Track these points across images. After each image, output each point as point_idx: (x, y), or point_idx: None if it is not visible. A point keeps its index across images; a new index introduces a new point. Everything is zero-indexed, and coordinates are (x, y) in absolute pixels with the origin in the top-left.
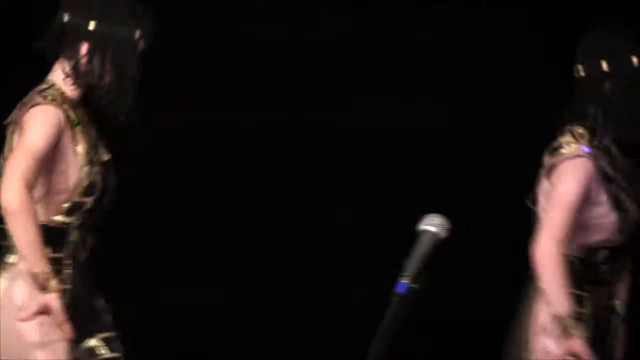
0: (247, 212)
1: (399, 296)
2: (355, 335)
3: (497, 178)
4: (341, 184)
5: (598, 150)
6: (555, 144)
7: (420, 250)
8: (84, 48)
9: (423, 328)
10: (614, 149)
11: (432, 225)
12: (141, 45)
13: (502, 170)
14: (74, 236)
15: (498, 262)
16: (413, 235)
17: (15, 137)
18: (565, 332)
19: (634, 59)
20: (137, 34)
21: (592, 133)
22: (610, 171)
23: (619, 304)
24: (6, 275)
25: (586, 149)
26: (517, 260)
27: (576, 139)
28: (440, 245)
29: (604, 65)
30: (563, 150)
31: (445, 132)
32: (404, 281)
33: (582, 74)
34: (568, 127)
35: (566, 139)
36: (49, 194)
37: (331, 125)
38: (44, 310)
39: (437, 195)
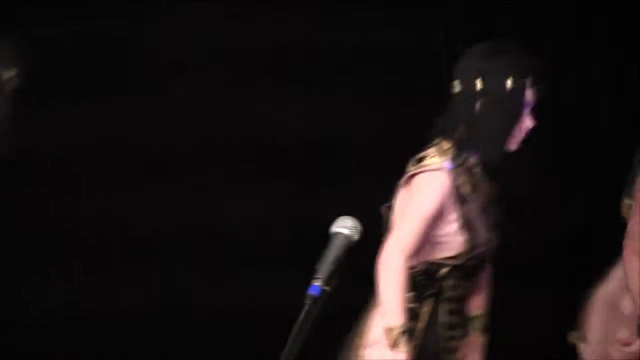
0: (151, 216)
1: (312, 298)
2: (267, 337)
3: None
4: (254, 186)
5: (459, 168)
6: (420, 155)
7: (333, 252)
8: None
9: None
10: (476, 170)
11: (344, 227)
12: (11, 84)
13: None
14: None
15: None
16: (326, 237)
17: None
18: (393, 346)
19: (508, 82)
20: (5, 74)
21: (458, 150)
22: (466, 191)
23: (475, 317)
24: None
25: (447, 165)
26: None
27: (440, 153)
28: (352, 248)
29: (478, 84)
30: (424, 162)
31: (351, 134)
32: (317, 284)
33: (457, 89)
34: (437, 141)
35: (431, 151)
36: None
37: (234, 127)
38: None
39: (347, 197)
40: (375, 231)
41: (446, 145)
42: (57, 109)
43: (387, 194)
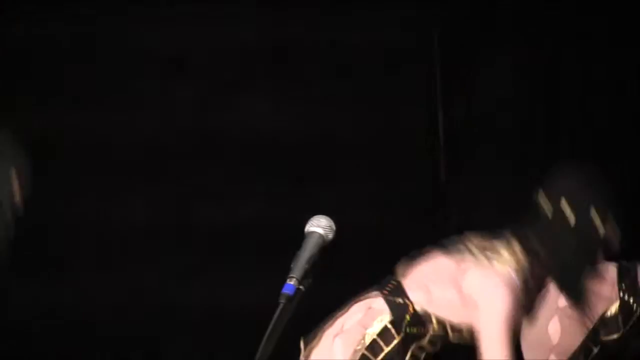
0: (134, 212)
1: (286, 297)
2: (242, 336)
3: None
4: (228, 184)
5: (522, 284)
6: (487, 244)
7: (307, 251)
8: None
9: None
10: (531, 284)
11: (318, 226)
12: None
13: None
14: None
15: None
16: (300, 236)
17: None
18: None
19: (593, 215)
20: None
21: (527, 261)
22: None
23: None
24: None
25: (515, 279)
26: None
27: (510, 254)
28: (326, 247)
29: (568, 214)
30: (495, 262)
31: (332, 132)
32: (291, 282)
33: (546, 211)
34: (506, 236)
35: (501, 249)
36: None
37: (211, 125)
38: None
39: (323, 195)
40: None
41: (517, 248)
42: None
43: (372, 194)
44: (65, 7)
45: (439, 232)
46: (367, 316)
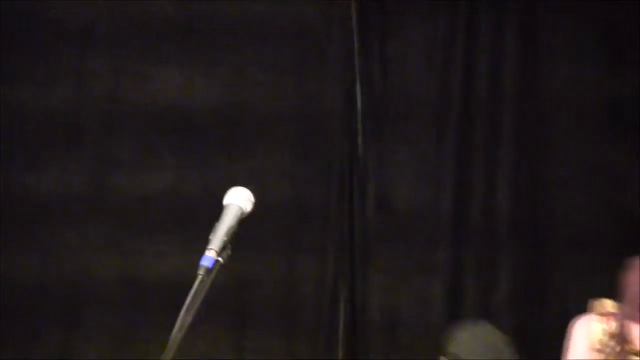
0: (49, 183)
1: (205, 269)
2: (160, 307)
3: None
4: (141, 156)
5: None
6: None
7: (226, 223)
8: None
9: None
10: None
11: (237, 199)
12: None
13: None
14: None
15: (292, 231)
16: (219, 208)
17: None
18: None
19: None
20: None
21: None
22: None
23: None
24: None
25: None
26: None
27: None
28: (245, 219)
29: None
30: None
31: (248, 105)
32: (210, 254)
33: None
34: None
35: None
36: None
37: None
38: None
39: (238, 167)
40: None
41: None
42: None
43: (290, 167)
44: None
45: (357, 203)
46: None
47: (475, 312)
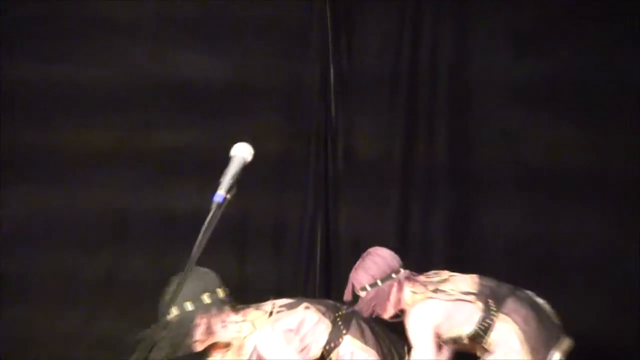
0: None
1: (216, 204)
2: (185, 232)
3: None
4: (173, 117)
5: None
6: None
7: (232, 169)
8: None
9: None
10: None
11: (241, 151)
12: None
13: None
14: None
15: (281, 175)
16: (227, 159)
17: None
18: None
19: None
20: None
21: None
22: None
23: None
24: None
25: None
26: None
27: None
28: (246, 166)
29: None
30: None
31: (249, 80)
32: (220, 193)
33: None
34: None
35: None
36: None
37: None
38: None
39: (241, 128)
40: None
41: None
42: None
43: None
44: None
45: (330, 155)
46: None
47: (417, 236)
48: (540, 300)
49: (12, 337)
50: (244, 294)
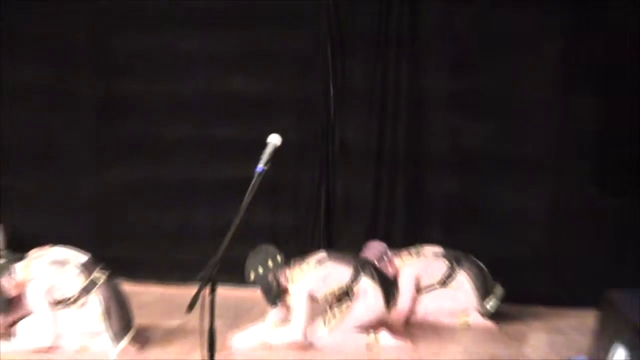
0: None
1: (258, 174)
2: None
3: None
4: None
5: None
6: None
7: (268, 151)
8: None
9: None
10: None
11: (274, 139)
12: None
13: None
14: None
15: (297, 156)
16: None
17: None
18: None
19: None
20: None
21: None
22: None
23: None
24: None
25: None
26: None
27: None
28: (277, 148)
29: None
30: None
31: (273, 91)
32: (260, 165)
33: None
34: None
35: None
36: None
37: None
38: None
39: (269, 126)
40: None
41: None
42: None
43: (292, 125)
44: None
45: (330, 145)
46: None
47: (386, 198)
48: (480, 263)
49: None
50: (272, 237)
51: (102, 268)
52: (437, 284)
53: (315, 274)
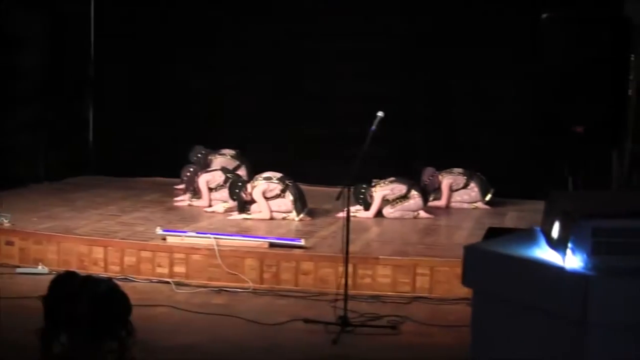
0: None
1: (371, 132)
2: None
3: None
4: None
5: None
6: None
7: (377, 120)
8: None
9: None
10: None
11: (380, 114)
12: None
13: None
14: None
15: None
16: (374, 115)
17: None
18: None
19: None
20: None
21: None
22: None
23: None
24: None
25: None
26: None
27: None
28: (383, 119)
29: None
30: None
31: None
32: (373, 127)
33: None
34: None
35: None
36: None
37: None
38: None
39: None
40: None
41: None
42: None
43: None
44: None
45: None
46: None
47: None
48: (483, 177)
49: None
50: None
51: (288, 179)
52: (461, 188)
53: (388, 187)
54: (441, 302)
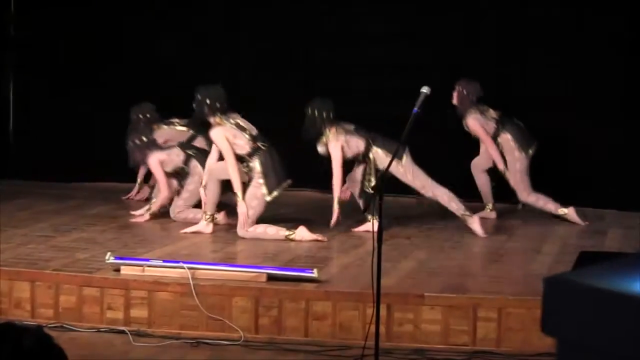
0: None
1: (413, 115)
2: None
3: None
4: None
5: None
6: None
7: (421, 98)
8: None
9: None
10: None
11: (425, 89)
12: None
13: None
14: None
15: None
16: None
17: None
18: None
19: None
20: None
21: None
22: None
23: None
24: None
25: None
26: None
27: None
28: (428, 97)
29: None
30: None
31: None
32: (415, 109)
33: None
34: None
35: None
36: None
37: None
38: None
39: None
40: None
41: None
42: None
43: None
44: None
45: None
46: None
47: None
48: (521, 124)
49: None
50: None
51: (264, 141)
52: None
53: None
54: (513, 359)
